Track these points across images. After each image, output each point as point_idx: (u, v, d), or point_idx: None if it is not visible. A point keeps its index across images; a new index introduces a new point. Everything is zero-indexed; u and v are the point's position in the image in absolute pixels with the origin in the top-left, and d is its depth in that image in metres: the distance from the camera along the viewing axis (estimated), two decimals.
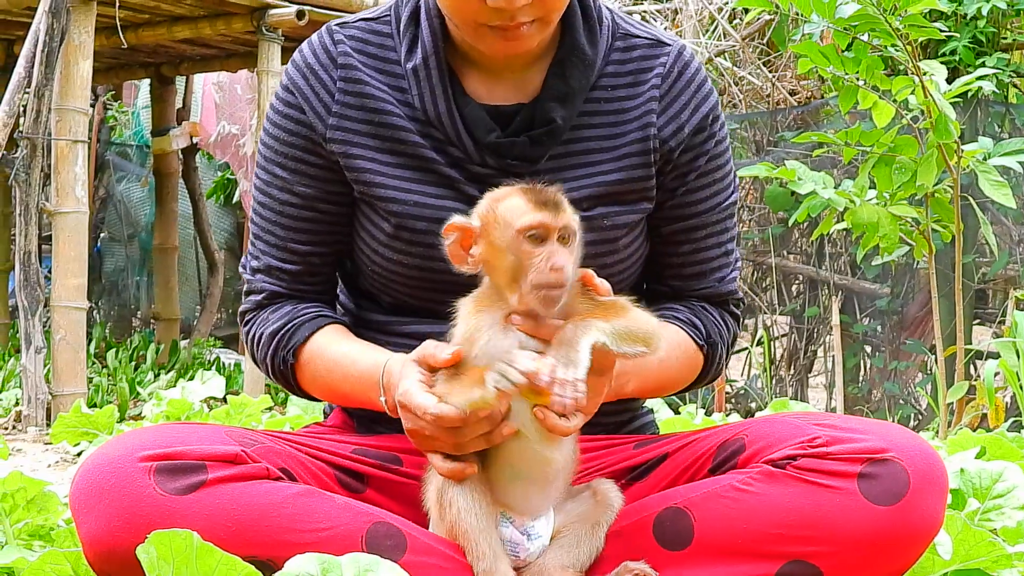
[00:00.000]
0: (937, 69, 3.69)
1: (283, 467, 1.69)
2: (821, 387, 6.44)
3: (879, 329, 5.93)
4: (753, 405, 5.99)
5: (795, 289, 6.47)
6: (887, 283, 5.88)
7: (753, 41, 7.55)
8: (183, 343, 7.51)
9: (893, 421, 4.71)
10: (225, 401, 5.21)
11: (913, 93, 3.67)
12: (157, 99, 7.53)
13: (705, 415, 4.66)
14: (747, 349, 6.39)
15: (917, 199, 3.98)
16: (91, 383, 5.70)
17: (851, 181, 3.94)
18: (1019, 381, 3.84)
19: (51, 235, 5.17)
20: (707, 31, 7.44)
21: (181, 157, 7.70)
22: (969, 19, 5.53)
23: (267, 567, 1.55)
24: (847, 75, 3.66)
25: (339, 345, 1.86)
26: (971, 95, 5.07)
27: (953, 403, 4.00)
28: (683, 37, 7.32)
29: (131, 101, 9.51)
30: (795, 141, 4.68)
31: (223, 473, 1.61)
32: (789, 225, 5.90)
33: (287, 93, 1.90)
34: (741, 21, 7.50)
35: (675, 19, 7.63)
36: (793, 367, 6.29)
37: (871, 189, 3.89)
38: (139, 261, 9.21)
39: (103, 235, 9.24)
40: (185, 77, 7.78)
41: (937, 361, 4.07)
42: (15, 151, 4.93)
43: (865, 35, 3.65)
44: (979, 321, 5.91)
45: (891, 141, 3.83)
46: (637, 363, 1.73)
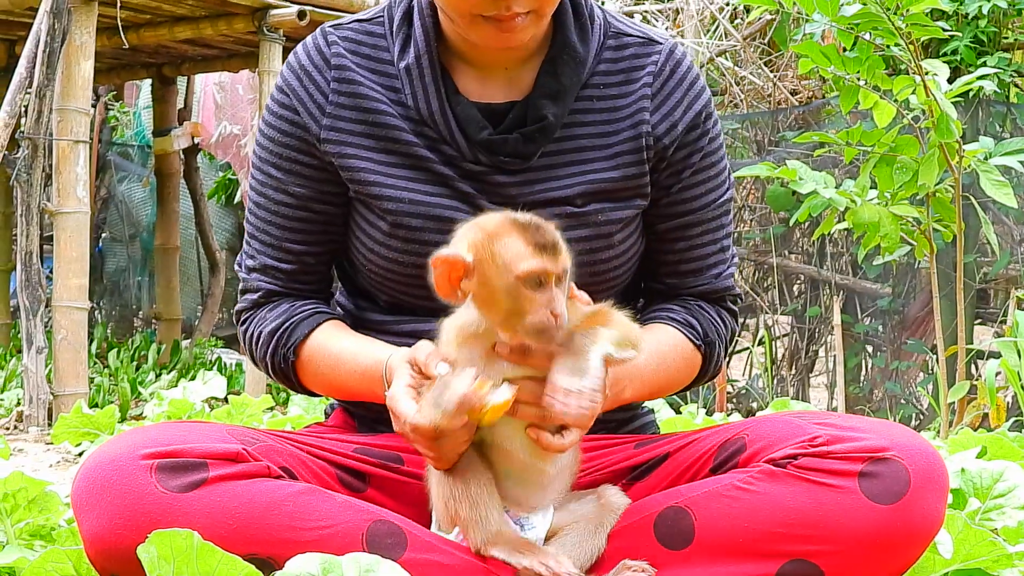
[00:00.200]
0: (939, 68, 3.68)
1: (284, 466, 1.70)
2: (822, 387, 6.44)
3: (880, 329, 5.93)
4: (754, 405, 5.98)
5: (796, 289, 6.47)
6: (888, 283, 5.88)
7: (754, 41, 7.55)
8: (184, 343, 7.51)
9: (894, 421, 4.70)
10: (226, 401, 5.22)
11: (914, 93, 3.67)
12: (158, 99, 7.52)
13: (706, 415, 4.66)
14: (748, 349, 6.39)
15: (918, 199, 3.98)
16: (92, 383, 5.70)
17: (852, 181, 3.93)
18: (1020, 381, 3.83)
19: (52, 235, 5.16)
20: (708, 31, 7.44)
21: (182, 157, 7.69)
22: (970, 19, 5.53)
23: (268, 565, 1.55)
24: (848, 75, 3.66)
25: (340, 341, 1.87)
26: (972, 95, 5.07)
27: (954, 403, 3.99)
28: (684, 37, 7.32)
29: (132, 101, 9.51)
30: (796, 141, 4.67)
31: (224, 471, 1.61)
32: (790, 225, 5.90)
33: (281, 95, 1.91)
34: (742, 21, 7.50)
35: (676, 19, 7.63)
36: (794, 367, 6.29)
37: (872, 189, 3.89)
38: (140, 261, 9.21)
39: (104, 235, 9.23)
40: (186, 77, 7.77)
41: (938, 361, 4.06)
42: (17, 151, 4.93)
43: (867, 34, 3.65)
44: (980, 321, 5.90)
45: (892, 141, 3.82)
46: (631, 369, 1.73)
